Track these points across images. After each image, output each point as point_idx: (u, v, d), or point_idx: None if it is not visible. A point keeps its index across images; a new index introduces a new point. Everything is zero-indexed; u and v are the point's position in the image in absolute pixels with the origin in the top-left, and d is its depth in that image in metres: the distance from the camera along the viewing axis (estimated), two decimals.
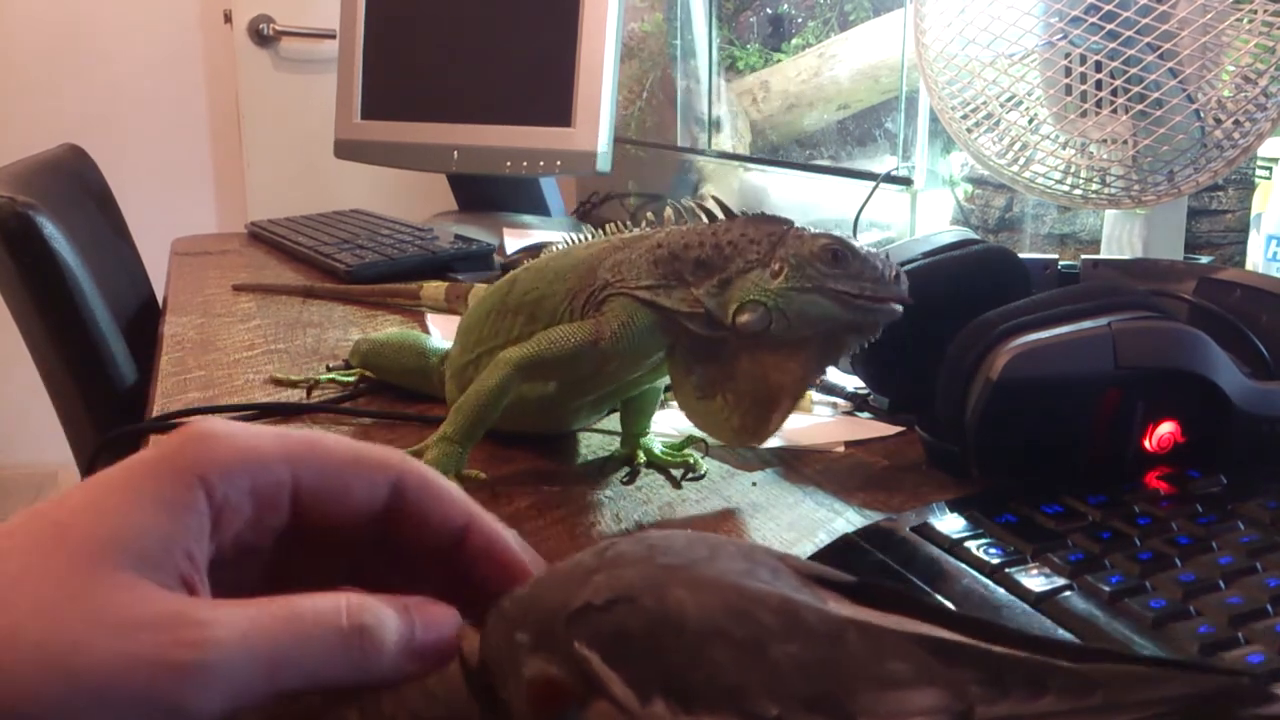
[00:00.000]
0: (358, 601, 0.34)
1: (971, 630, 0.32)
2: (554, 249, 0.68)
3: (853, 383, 0.76)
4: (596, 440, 0.71)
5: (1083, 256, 0.79)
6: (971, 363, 0.58)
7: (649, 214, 0.65)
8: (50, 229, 1.07)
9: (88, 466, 0.81)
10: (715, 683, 0.31)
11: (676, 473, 0.66)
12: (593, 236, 0.66)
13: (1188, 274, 0.72)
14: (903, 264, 0.69)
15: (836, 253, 0.55)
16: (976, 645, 0.31)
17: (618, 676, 0.32)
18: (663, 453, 0.67)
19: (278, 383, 0.84)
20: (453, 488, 0.39)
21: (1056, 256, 0.78)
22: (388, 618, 0.34)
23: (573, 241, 0.67)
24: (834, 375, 0.78)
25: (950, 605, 0.45)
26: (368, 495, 0.37)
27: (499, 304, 0.67)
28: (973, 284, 0.67)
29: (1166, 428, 0.57)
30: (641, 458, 0.67)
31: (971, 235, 0.73)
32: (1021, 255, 0.73)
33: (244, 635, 0.31)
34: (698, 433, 0.66)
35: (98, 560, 0.31)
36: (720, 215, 0.60)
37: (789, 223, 0.58)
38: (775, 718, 0.30)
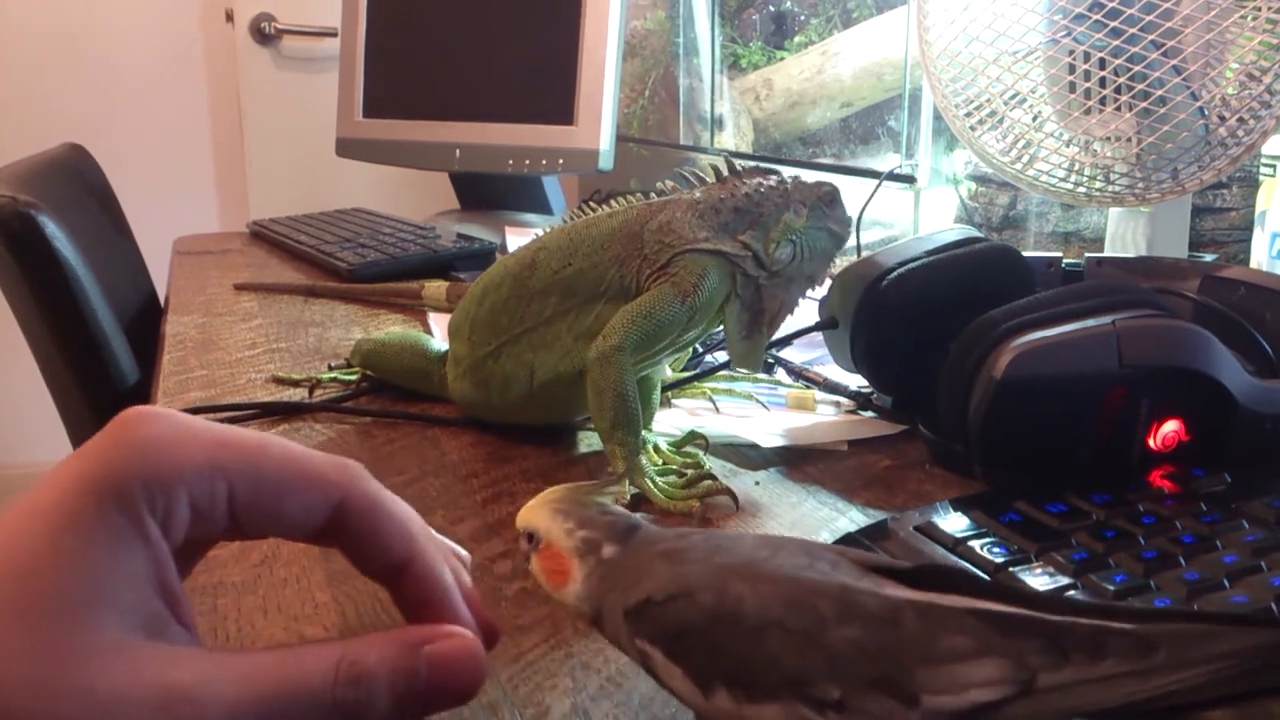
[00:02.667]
0: (351, 657, 0.33)
1: (1030, 603, 0.32)
2: (553, 227, 0.69)
3: (856, 381, 0.76)
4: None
5: (1086, 254, 0.78)
6: (975, 361, 0.58)
7: (660, 185, 0.69)
8: (52, 228, 1.07)
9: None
10: (775, 671, 0.32)
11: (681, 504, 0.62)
12: (584, 214, 0.69)
13: (1192, 272, 0.72)
14: (906, 262, 0.69)
15: (834, 196, 0.67)
16: (1034, 615, 0.31)
17: (679, 670, 0.33)
18: (669, 449, 0.67)
19: (280, 381, 0.84)
20: (401, 516, 0.36)
21: (1060, 254, 0.78)
22: (382, 673, 0.33)
23: (576, 217, 0.69)
24: (838, 374, 0.77)
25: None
26: (303, 516, 0.35)
27: (518, 289, 0.67)
28: (976, 282, 0.67)
29: (1171, 426, 0.57)
30: (655, 457, 0.66)
31: (975, 233, 0.73)
32: (1025, 253, 0.73)
33: (236, 707, 0.31)
34: (701, 429, 0.68)
35: (80, 622, 0.30)
36: (726, 172, 0.67)
37: (777, 171, 0.68)
38: (837, 701, 0.31)
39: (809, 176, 0.69)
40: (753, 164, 0.69)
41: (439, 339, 0.79)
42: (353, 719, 0.33)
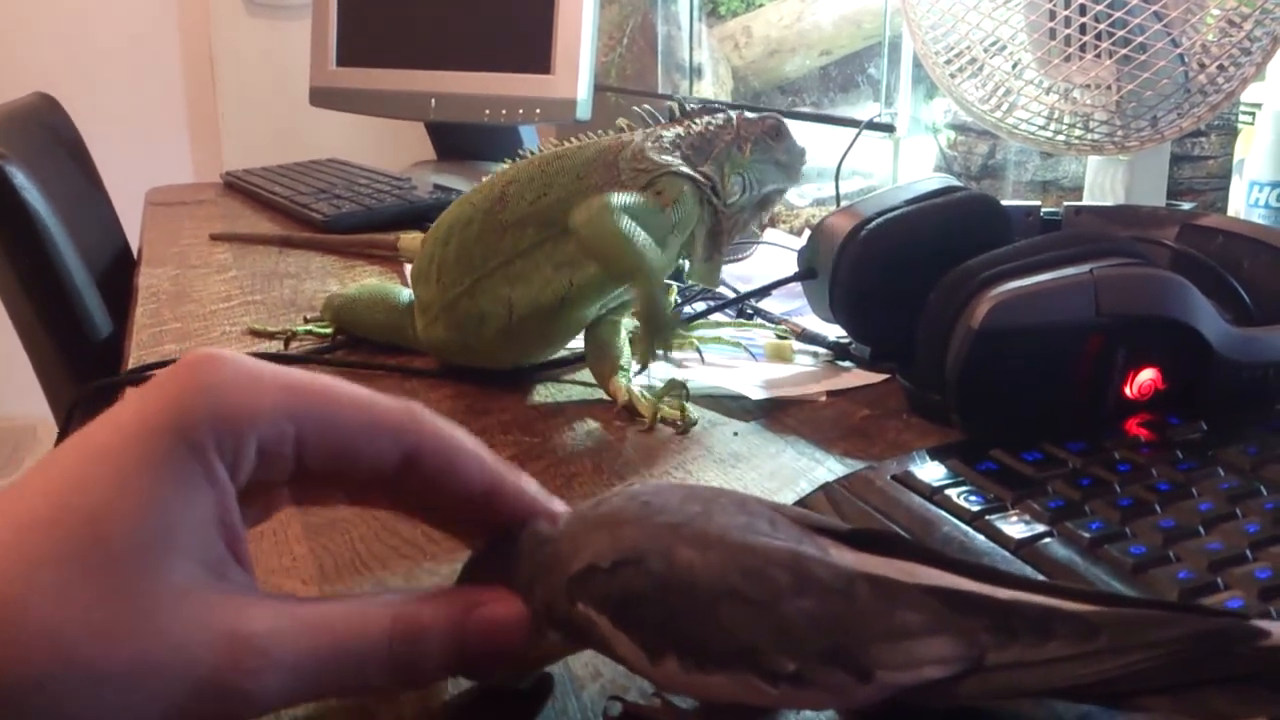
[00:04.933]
0: (406, 615, 0.33)
1: (969, 573, 0.32)
2: (518, 161, 0.70)
3: (834, 332, 0.76)
4: (577, 391, 0.71)
5: (1065, 203, 0.78)
6: (953, 311, 0.58)
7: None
8: (21, 179, 1.05)
9: (64, 421, 0.80)
10: (729, 641, 0.31)
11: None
12: (541, 151, 0.70)
13: (1170, 220, 0.72)
14: (884, 212, 0.68)
15: (779, 129, 0.70)
16: (984, 593, 0.31)
17: (626, 637, 0.33)
18: (644, 395, 0.67)
19: (256, 334, 0.83)
20: (473, 451, 0.36)
21: (1038, 204, 0.78)
22: (435, 631, 0.34)
23: (539, 151, 0.70)
24: (816, 324, 0.77)
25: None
26: (376, 461, 0.35)
27: (489, 224, 0.67)
28: (955, 232, 0.67)
29: (1147, 374, 0.57)
30: (624, 395, 0.66)
31: (954, 182, 0.73)
32: (1003, 202, 0.73)
33: (298, 657, 0.31)
34: (685, 379, 0.68)
35: (150, 566, 0.30)
36: (679, 112, 0.71)
37: (724, 109, 0.71)
38: (792, 673, 0.31)
39: (793, 126, 0.71)
40: (700, 104, 0.72)
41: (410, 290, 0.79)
42: (404, 673, 0.33)
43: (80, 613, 0.29)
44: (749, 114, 0.70)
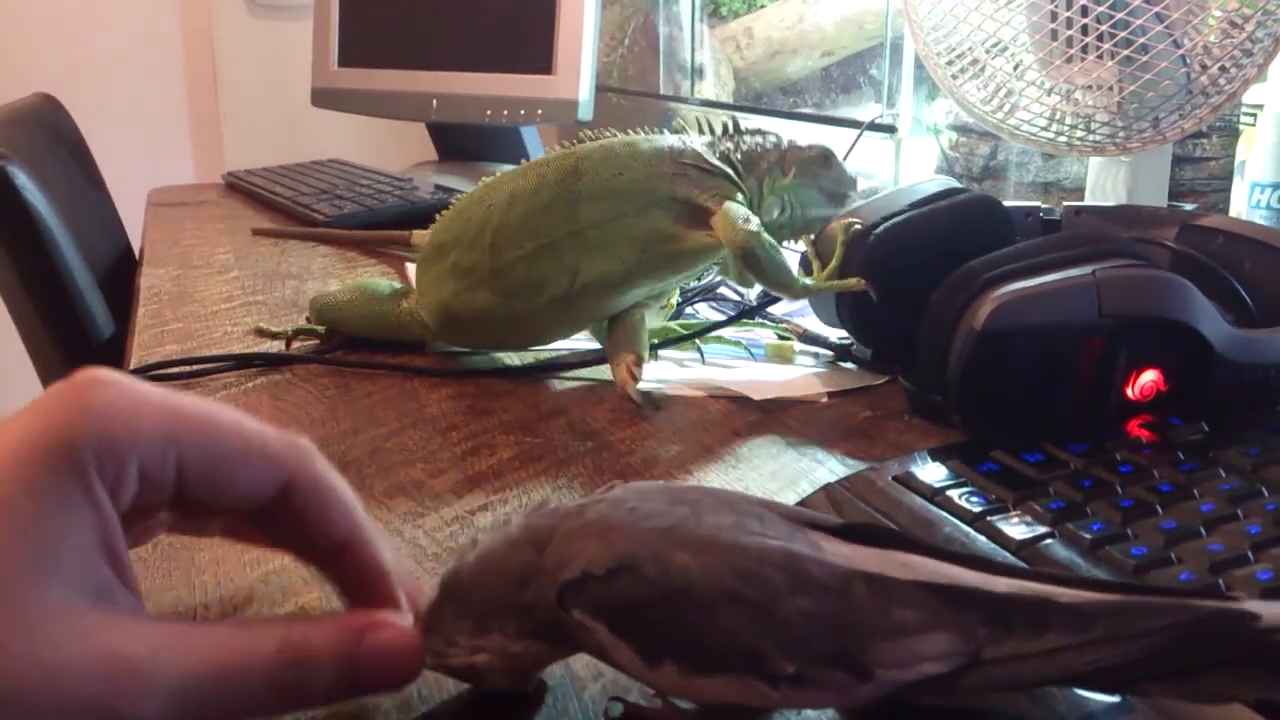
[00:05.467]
0: (293, 639, 0.33)
1: (963, 563, 0.33)
2: (581, 144, 0.71)
3: (836, 333, 0.76)
4: (578, 392, 0.71)
5: (1065, 204, 0.78)
6: (955, 313, 0.58)
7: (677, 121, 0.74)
8: (23, 179, 1.05)
9: None
10: (728, 645, 0.31)
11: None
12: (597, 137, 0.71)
13: (1170, 220, 0.72)
14: (889, 217, 0.68)
15: (828, 157, 0.72)
16: (979, 587, 0.31)
17: (624, 644, 0.33)
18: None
19: (261, 333, 0.83)
20: (346, 497, 0.37)
21: (1039, 204, 0.78)
22: (324, 656, 0.33)
23: (594, 137, 0.71)
24: (816, 325, 0.77)
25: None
26: (251, 489, 0.35)
27: (562, 194, 0.68)
28: (959, 234, 0.67)
29: (1149, 376, 0.57)
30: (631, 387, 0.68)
31: (955, 184, 0.73)
32: (1004, 203, 0.73)
33: (180, 681, 0.31)
34: (692, 380, 0.69)
35: (28, 587, 0.29)
36: (732, 127, 0.72)
37: (776, 135, 0.72)
38: (792, 674, 0.31)
39: (794, 127, 0.70)
40: (758, 129, 0.73)
41: (392, 283, 0.80)
42: (291, 698, 0.33)
43: None
44: (800, 141, 0.72)
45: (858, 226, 0.68)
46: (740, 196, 0.69)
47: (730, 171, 0.69)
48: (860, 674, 0.31)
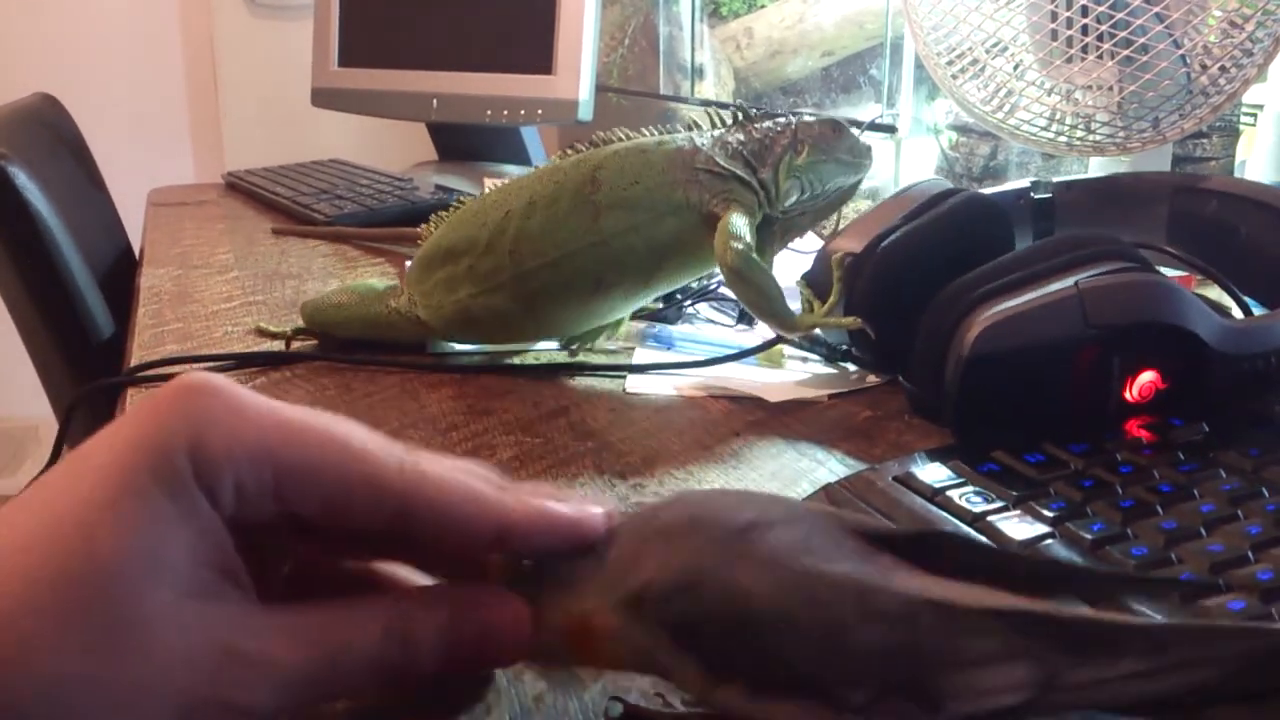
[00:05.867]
0: (403, 618, 0.33)
1: (1032, 573, 0.32)
2: (583, 149, 0.72)
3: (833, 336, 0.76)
4: (578, 392, 0.71)
5: (1054, 179, 0.77)
6: (944, 336, 0.58)
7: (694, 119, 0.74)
8: (23, 179, 1.05)
9: (64, 422, 0.80)
10: (794, 671, 0.31)
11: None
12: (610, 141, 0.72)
13: (1164, 185, 0.71)
14: (888, 233, 0.67)
15: (836, 126, 0.72)
16: (1051, 612, 0.31)
17: (689, 660, 0.32)
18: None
19: (261, 333, 0.83)
20: (473, 493, 0.34)
21: (1028, 185, 0.77)
22: (427, 635, 0.34)
23: (610, 138, 0.72)
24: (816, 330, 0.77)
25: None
26: (365, 520, 0.33)
27: (580, 204, 0.69)
28: (959, 238, 0.67)
29: (1146, 377, 0.57)
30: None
31: (945, 184, 0.72)
32: (994, 188, 0.72)
33: (289, 669, 0.31)
34: (713, 380, 0.69)
35: (135, 587, 0.30)
36: (742, 116, 0.73)
37: (785, 116, 0.73)
38: (860, 705, 0.30)
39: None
40: (764, 110, 0.74)
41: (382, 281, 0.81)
42: (395, 674, 0.33)
43: (71, 632, 0.29)
44: (807, 117, 0.72)
45: (850, 258, 0.67)
46: (753, 197, 0.69)
47: (741, 170, 0.69)
48: (929, 705, 0.30)
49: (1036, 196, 0.76)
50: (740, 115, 0.73)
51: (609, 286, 0.70)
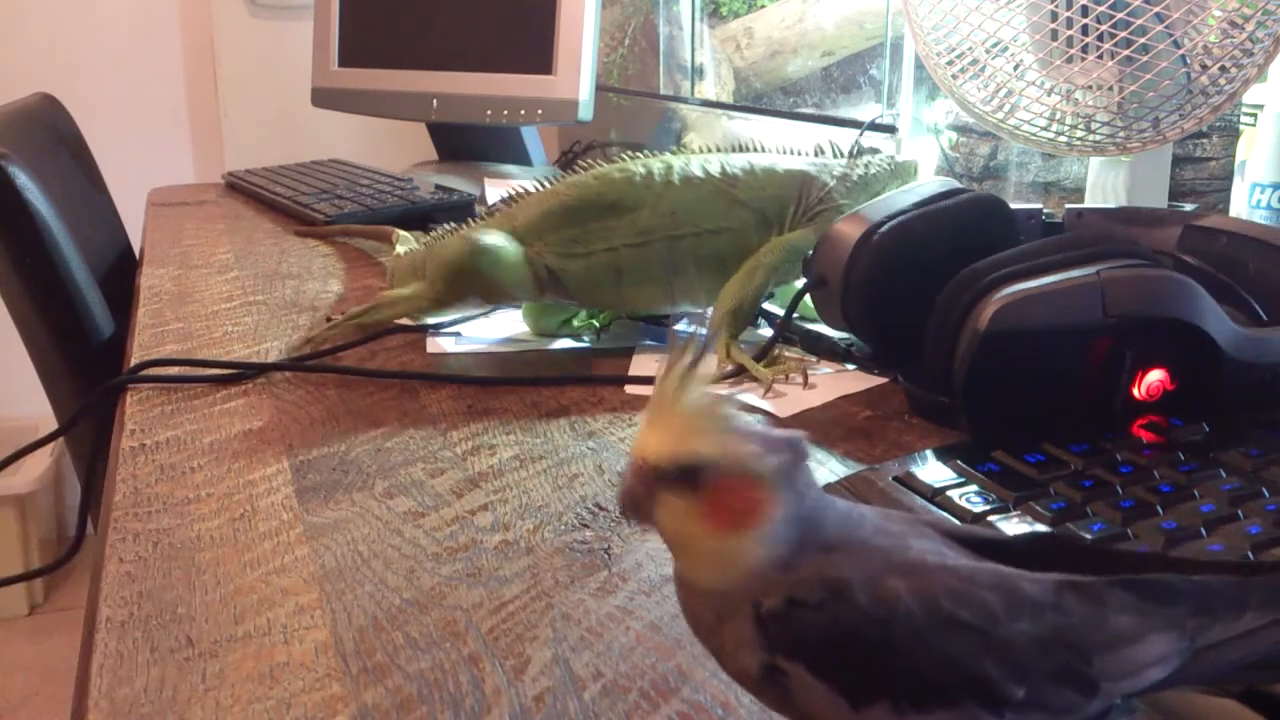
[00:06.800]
0: None
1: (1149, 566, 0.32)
2: (715, 148, 0.80)
3: (833, 334, 0.76)
4: (579, 392, 0.71)
5: (1067, 205, 0.78)
6: (959, 314, 0.58)
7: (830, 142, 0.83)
8: (24, 179, 1.05)
9: (67, 425, 0.80)
10: (951, 673, 0.29)
11: None
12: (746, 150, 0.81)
13: (1172, 221, 0.72)
14: (893, 216, 0.68)
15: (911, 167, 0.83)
16: (1182, 580, 0.31)
17: (824, 686, 0.29)
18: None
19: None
20: None
21: (1040, 206, 0.78)
22: None
23: (759, 149, 0.81)
24: (818, 327, 0.77)
25: None
26: None
27: (721, 194, 0.77)
28: (964, 233, 0.67)
29: (1156, 375, 0.57)
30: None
31: (956, 184, 0.73)
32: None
33: None
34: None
35: None
36: (858, 151, 0.83)
37: (886, 156, 0.83)
38: (1022, 700, 0.29)
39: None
40: (869, 145, 0.84)
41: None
42: None
43: None
44: (896, 156, 0.83)
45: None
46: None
47: (844, 201, 0.78)
48: (1088, 690, 0.29)
49: (1047, 218, 0.77)
50: (858, 149, 0.82)
51: (730, 271, 0.76)
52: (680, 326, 0.84)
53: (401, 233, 1.04)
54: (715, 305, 0.76)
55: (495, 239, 0.78)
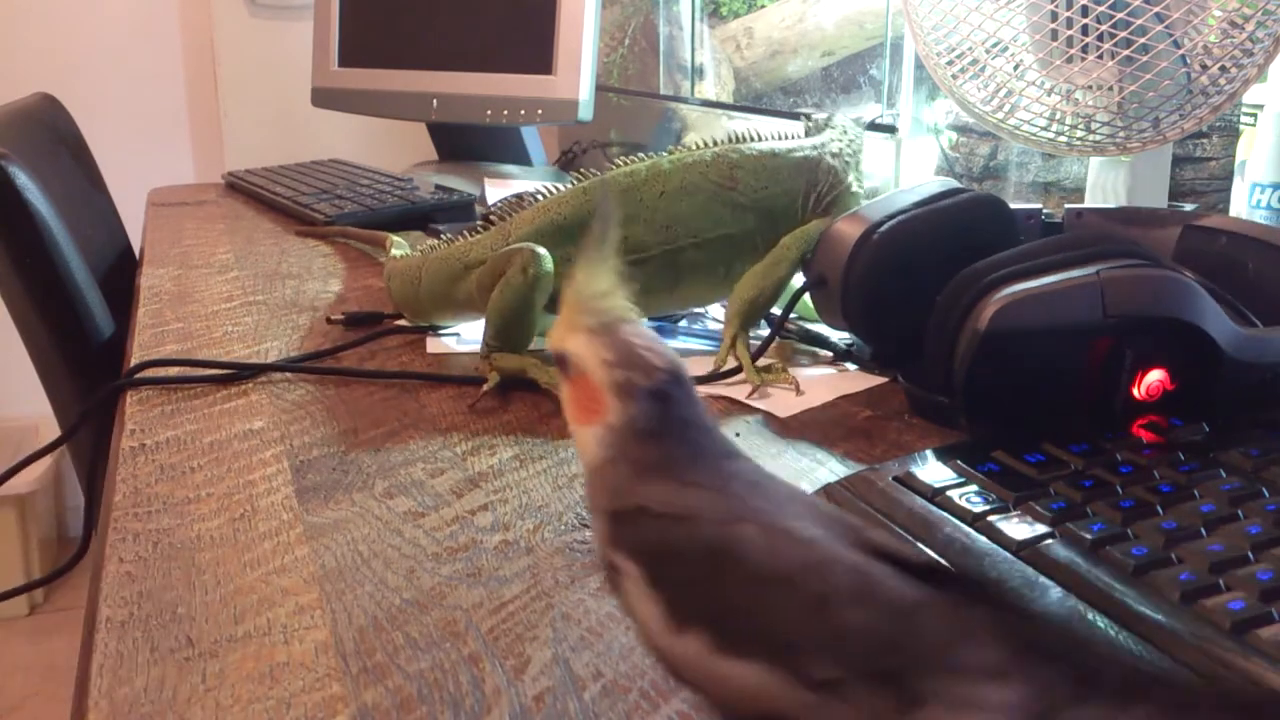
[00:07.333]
0: None
1: (1061, 637, 0.29)
2: (730, 145, 0.78)
3: (833, 334, 0.76)
4: None
5: (1066, 205, 0.78)
6: (959, 314, 0.58)
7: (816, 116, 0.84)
8: (24, 179, 1.05)
9: (71, 428, 0.80)
10: (771, 630, 0.28)
11: None
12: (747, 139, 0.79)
13: (1172, 221, 0.72)
14: (893, 216, 0.68)
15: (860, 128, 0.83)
16: (1070, 646, 0.28)
17: (655, 596, 0.30)
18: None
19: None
20: None
21: (1040, 206, 0.78)
22: None
23: (736, 137, 0.78)
24: (818, 327, 0.77)
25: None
26: None
27: (721, 198, 0.76)
28: (964, 233, 0.67)
29: (1156, 375, 0.57)
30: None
31: (956, 184, 0.73)
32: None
33: None
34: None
35: None
36: (811, 122, 0.83)
37: (856, 129, 0.84)
38: (827, 681, 0.28)
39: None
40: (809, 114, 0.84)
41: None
42: None
43: None
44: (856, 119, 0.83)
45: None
46: (853, 200, 0.78)
47: (852, 179, 0.79)
48: (908, 701, 0.27)
49: (1046, 219, 0.76)
50: (849, 126, 0.82)
51: (735, 274, 0.76)
52: (685, 324, 0.84)
53: (395, 238, 1.04)
54: (733, 294, 0.75)
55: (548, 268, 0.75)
